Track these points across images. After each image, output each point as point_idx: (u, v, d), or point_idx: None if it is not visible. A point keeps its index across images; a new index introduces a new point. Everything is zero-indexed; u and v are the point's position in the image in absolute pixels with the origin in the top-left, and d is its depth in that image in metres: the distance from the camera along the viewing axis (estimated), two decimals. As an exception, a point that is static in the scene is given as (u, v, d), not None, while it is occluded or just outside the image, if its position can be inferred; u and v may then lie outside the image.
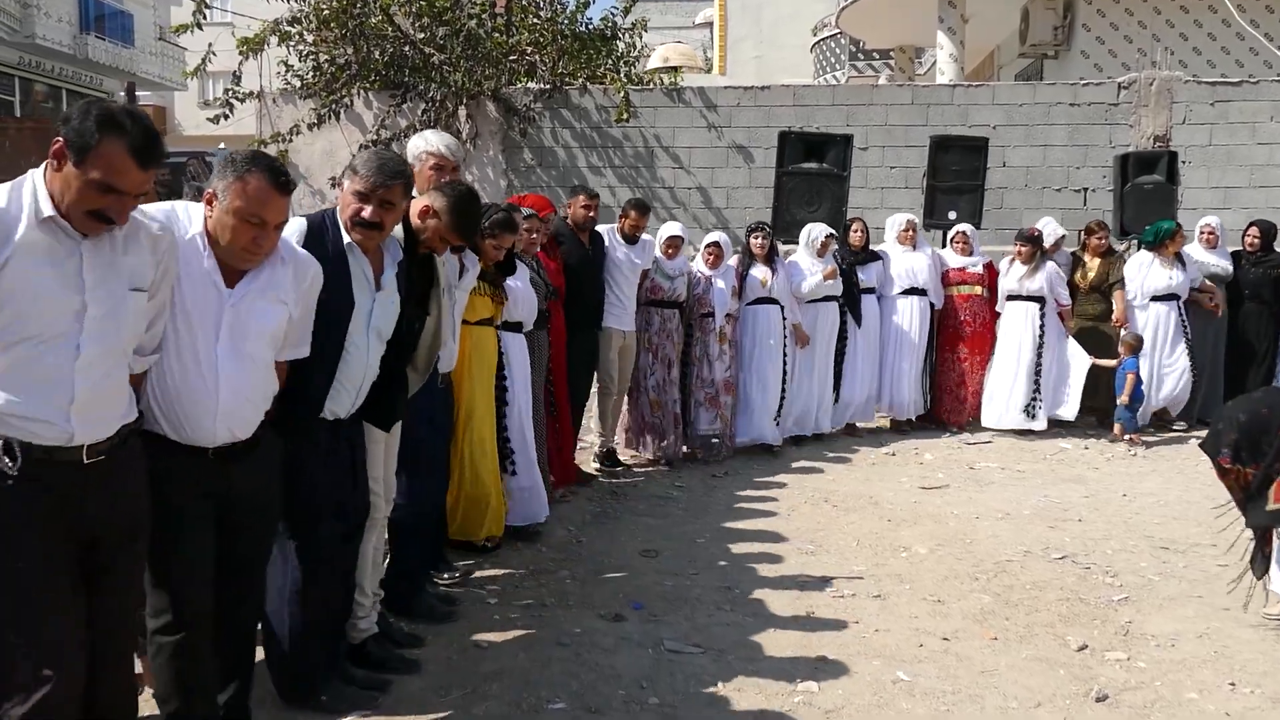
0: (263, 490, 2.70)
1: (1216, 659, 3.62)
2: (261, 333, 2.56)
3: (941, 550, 4.85)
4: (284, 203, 2.49)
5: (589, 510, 5.57)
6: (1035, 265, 7.26)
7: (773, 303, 6.81)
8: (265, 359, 2.61)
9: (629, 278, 6.22)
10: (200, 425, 2.48)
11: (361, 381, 3.01)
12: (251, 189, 2.42)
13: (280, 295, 2.60)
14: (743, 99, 10.10)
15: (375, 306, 2.99)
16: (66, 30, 19.60)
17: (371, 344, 3.00)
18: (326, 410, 2.94)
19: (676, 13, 39.14)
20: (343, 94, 9.99)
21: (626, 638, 3.77)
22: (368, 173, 2.88)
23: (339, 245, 2.91)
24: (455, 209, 3.34)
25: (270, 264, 2.58)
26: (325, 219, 2.95)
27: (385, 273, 3.03)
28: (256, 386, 2.59)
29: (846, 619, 3.98)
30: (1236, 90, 9.91)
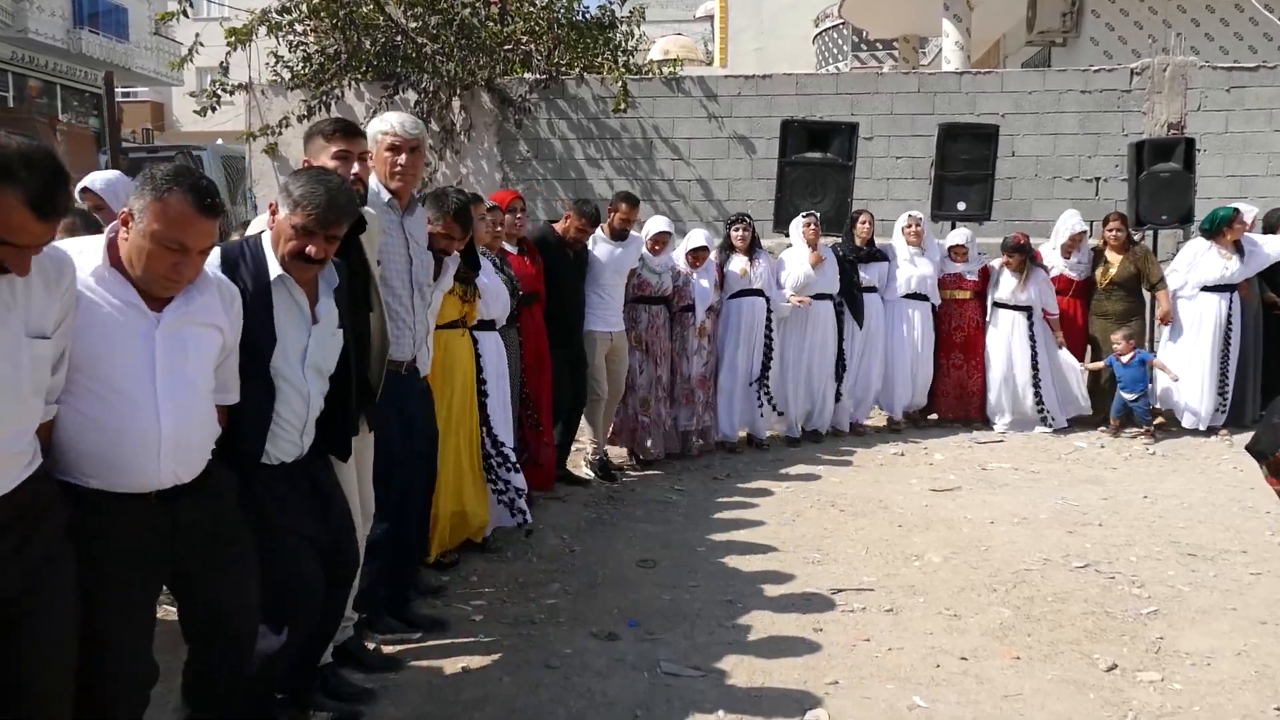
0: (218, 518, 2.41)
1: (1258, 680, 3.35)
2: (200, 359, 2.32)
3: (956, 559, 4.58)
4: (209, 226, 2.21)
5: (584, 516, 5.31)
6: (1026, 275, 7.00)
7: (756, 294, 6.57)
8: (207, 388, 2.36)
9: (615, 278, 5.97)
10: (142, 467, 2.21)
11: (306, 422, 2.70)
12: (172, 211, 2.15)
13: (213, 320, 2.35)
14: (744, 88, 9.82)
15: (311, 340, 2.67)
16: (60, 24, 19.36)
17: (310, 381, 2.68)
18: (271, 456, 2.64)
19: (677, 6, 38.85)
20: (333, 85, 9.71)
21: (621, 659, 3.51)
22: (314, 208, 2.55)
23: (262, 278, 2.59)
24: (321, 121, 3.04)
25: (199, 288, 2.32)
26: (244, 248, 2.63)
27: (320, 302, 2.71)
28: (202, 417, 2.34)
29: (857, 636, 3.71)
30: (1253, 76, 9.60)
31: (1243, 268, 7.02)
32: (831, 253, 6.92)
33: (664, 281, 6.22)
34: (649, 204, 9.80)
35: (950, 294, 7.21)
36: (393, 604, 3.68)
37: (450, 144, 9.83)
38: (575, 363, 5.77)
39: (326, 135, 3.03)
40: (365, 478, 3.19)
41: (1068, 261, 7.13)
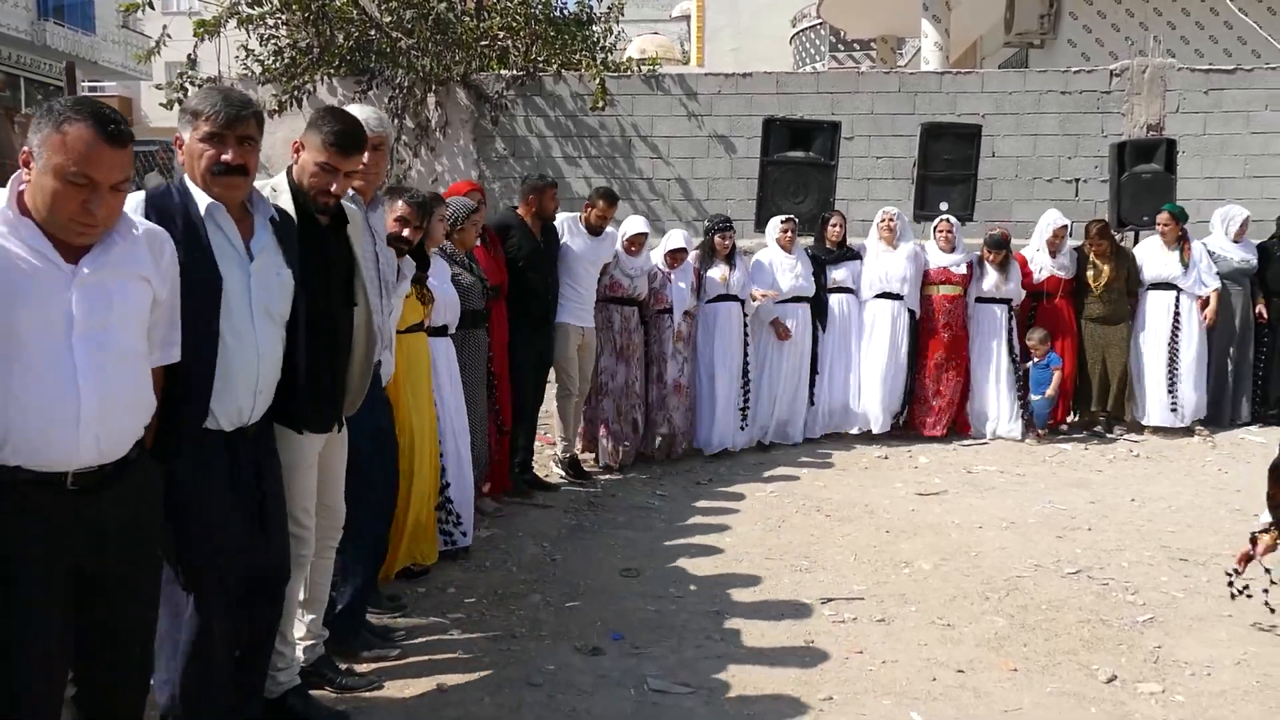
0: (139, 530, 2.16)
1: (1261, 690, 3.26)
2: (126, 316, 2.07)
3: (946, 565, 4.48)
4: (118, 156, 1.98)
5: (564, 523, 5.17)
6: (1008, 269, 6.94)
7: (733, 299, 6.47)
8: (136, 350, 2.11)
9: (589, 271, 5.84)
10: (58, 441, 1.97)
11: (256, 376, 2.46)
12: (72, 140, 1.93)
13: (140, 270, 2.10)
14: (724, 87, 9.71)
15: (253, 279, 2.45)
16: (24, 16, 18.94)
17: (261, 329, 2.45)
18: (217, 418, 2.40)
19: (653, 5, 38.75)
20: (305, 80, 9.51)
21: (605, 675, 3.37)
22: (214, 109, 2.35)
23: (193, 215, 2.36)
24: (320, 119, 2.74)
25: (120, 234, 2.08)
26: (170, 187, 2.42)
27: (257, 236, 2.48)
28: (130, 386, 2.09)
29: (850, 648, 3.60)
30: (1231, 78, 9.62)
31: (1185, 274, 7.06)
32: (805, 255, 6.82)
33: (637, 285, 6.09)
34: (628, 203, 9.67)
35: (937, 289, 7.02)
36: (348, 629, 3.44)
37: (425, 141, 9.65)
38: (541, 354, 5.60)
39: (324, 145, 2.74)
40: (336, 486, 2.99)
41: (1056, 261, 7.06)
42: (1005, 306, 7.01)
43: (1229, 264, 7.21)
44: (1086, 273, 7.06)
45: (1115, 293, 7.04)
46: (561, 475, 5.94)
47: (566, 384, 5.83)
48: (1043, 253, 7.07)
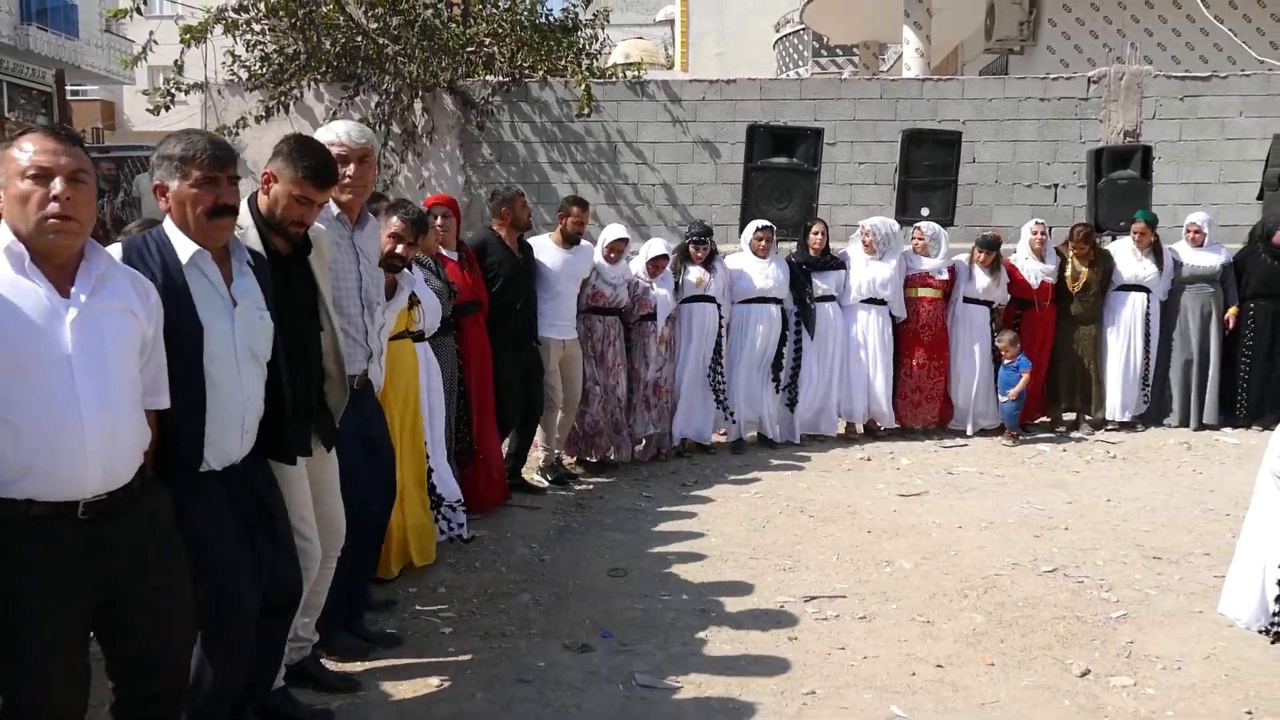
0: (158, 555, 2.23)
1: (1229, 683, 3.38)
2: (120, 347, 2.14)
3: (927, 565, 4.58)
4: (69, 148, 2.07)
5: (552, 525, 5.25)
6: (998, 274, 7.08)
7: (709, 300, 6.60)
8: (132, 380, 2.18)
9: (568, 286, 5.91)
10: (67, 470, 2.03)
11: (244, 417, 2.51)
12: (22, 144, 2.06)
13: (129, 304, 2.18)
14: (708, 93, 9.81)
15: (237, 324, 2.49)
16: (6, 20, 18.85)
17: (245, 371, 2.50)
18: (209, 459, 2.46)
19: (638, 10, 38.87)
20: (292, 86, 9.55)
21: (595, 671, 3.45)
22: (203, 154, 2.41)
23: (171, 263, 2.41)
24: (293, 154, 2.75)
25: (112, 273, 2.17)
26: (147, 238, 2.46)
27: (237, 281, 2.53)
28: (130, 413, 2.16)
29: (832, 645, 3.69)
30: (1206, 85, 9.79)
31: (1159, 277, 7.24)
32: (783, 260, 6.92)
33: (619, 294, 6.19)
34: (613, 208, 9.77)
35: (916, 291, 7.17)
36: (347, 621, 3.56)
37: (412, 146, 9.71)
38: (530, 367, 5.67)
39: (300, 179, 2.76)
40: (333, 498, 3.05)
41: (1043, 266, 7.20)
42: (987, 309, 7.15)
43: (1188, 267, 7.38)
44: (1065, 274, 7.21)
45: (1091, 294, 7.20)
46: (546, 481, 6.01)
47: (551, 397, 5.90)
48: (1031, 259, 7.20)
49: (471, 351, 5.05)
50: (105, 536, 2.10)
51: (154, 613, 2.22)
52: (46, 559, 2.03)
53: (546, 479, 6.02)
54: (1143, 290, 7.29)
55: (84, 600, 2.10)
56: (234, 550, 2.49)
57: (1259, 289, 7.34)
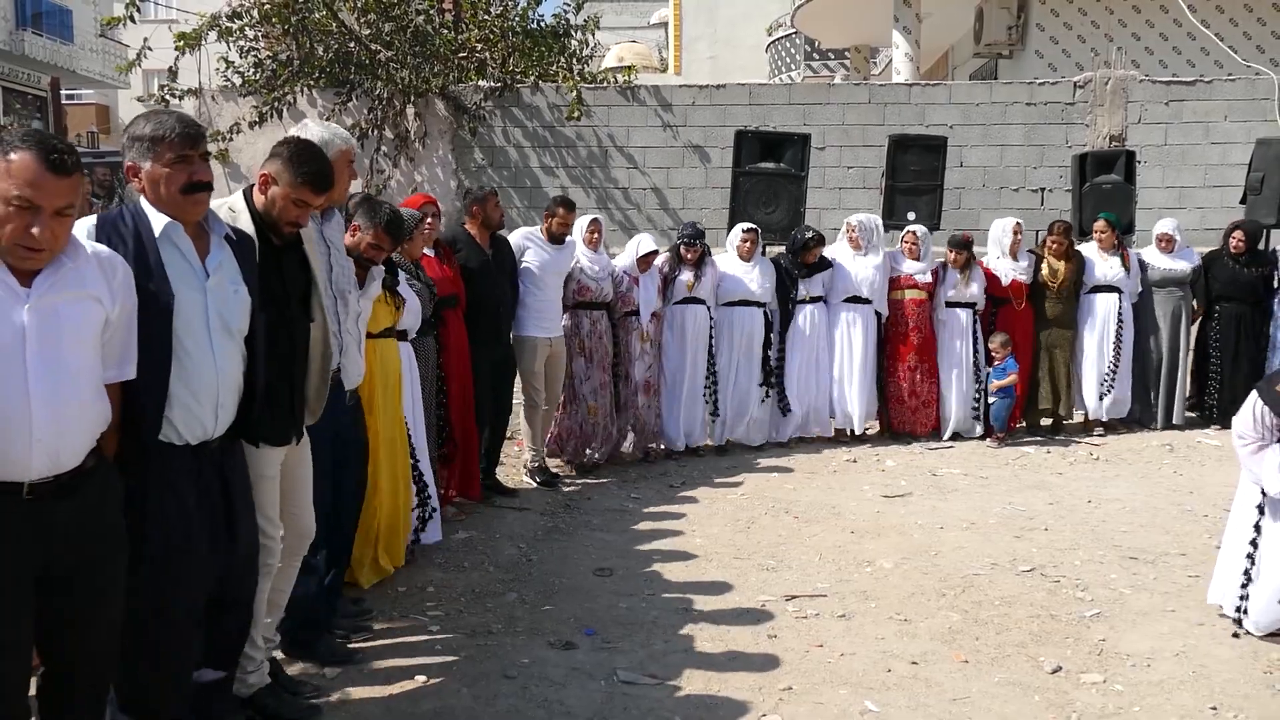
0: (97, 535, 2.28)
1: (1195, 680, 3.46)
2: (78, 336, 2.19)
3: (907, 564, 4.67)
4: (62, 185, 2.11)
5: (540, 525, 5.33)
6: (969, 273, 7.18)
7: (699, 302, 6.71)
8: (88, 368, 2.23)
9: (553, 282, 5.98)
10: (12, 452, 2.09)
11: (218, 391, 2.55)
12: (16, 167, 2.07)
13: (91, 290, 2.22)
14: (698, 98, 9.91)
15: (209, 296, 2.53)
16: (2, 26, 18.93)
17: (219, 344, 2.54)
18: (182, 432, 2.50)
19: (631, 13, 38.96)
20: (285, 91, 9.64)
21: (578, 668, 3.53)
22: (172, 133, 2.45)
23: (145, 236, 2.46)
24: (293, 160, 2.84)
25: (71, 257, 2.20)
26: (122, 210, 2.52)
27: (213, 254, 2.57)
28: (81, 403, 2.21)
29: (810, 642, 3.77)
30: (1191, 90, 9.91)
31: (1127, 277, 7.37)
32: (769, 263, 7.02)
33: (603, 287, 6.26)
34: (604, 212, 9.85)
35: (903, 293, 7.25)
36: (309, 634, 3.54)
37: (405, 151, 9.80)
38: (500, 364, 5.69)
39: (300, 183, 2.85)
40: (304, 499, 3.09)
41: (1018, 265, 7.30)
42: (970, 310, 7.25)
43: (1158, 271, 7.49)
44: (1043, 273, 7.31)
45: (1067, 293, 7.32)
46: (534, 482, 6.08)
47: (533, 395, 5.96)
48: (1004, 259, 7.30)
49: (451, 347, 5.10)
50: (50, 516, 2.17)
51: (85, 583, 2.27)
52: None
53: (535, 480, 6.09)
54: (1114, 291, 7.41)
55: (26, 574, 2.16)
56: (189, 525, 2.51)
57: (1222, 292, 7.49)
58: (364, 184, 9.72)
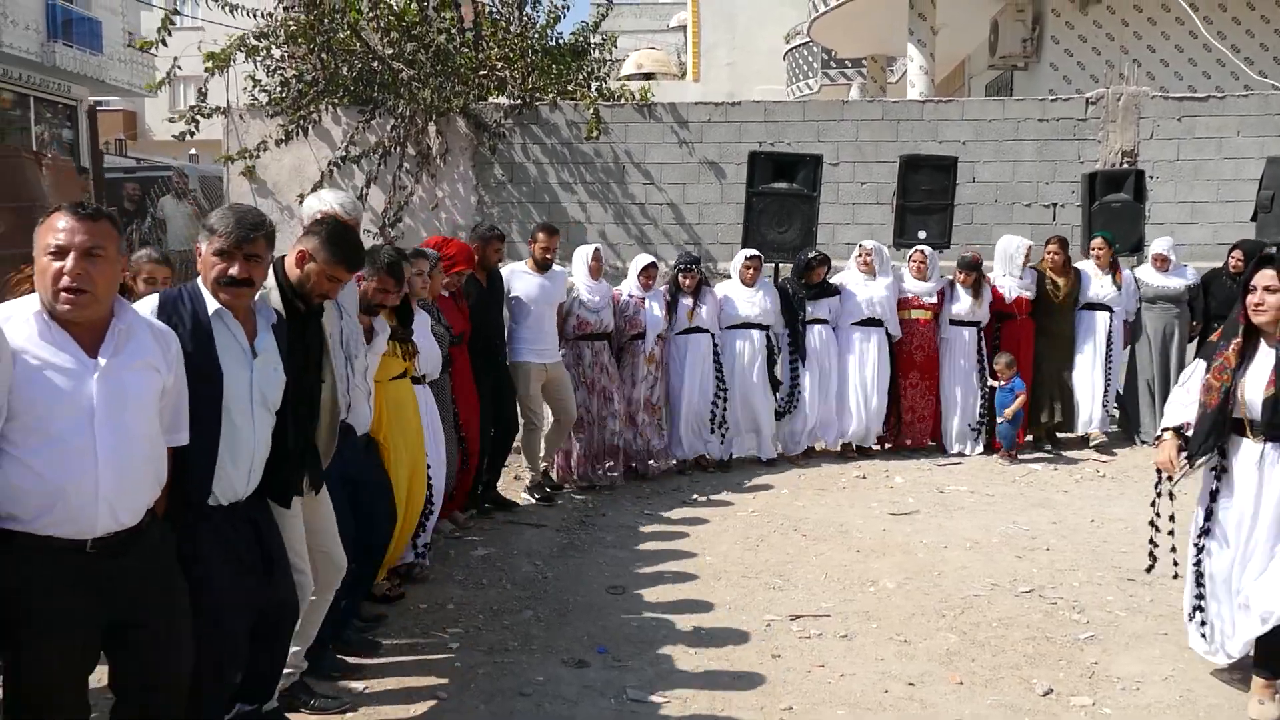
0: (157, 584, 2.49)
1: (1181, 704, 3.61)
2: (140, 403, 2.41)
3: (909, 584, 4.83)
4: (88, 227, 2.32)
5: (556, 542, 5.52)
6: (980, 293, 7.33)
7: (701, 331, 6.91)
8: (149, 432, 2.45)
9: (545, 310, 6.16)
10: (81, 514, 2.30)
11: (252, 458, 2.82)
12: (49, 222, 2.34)
13: (151, 361, 2.46)
14: (714, 115, 10.08)
15: (255, 374, 2.81)
16: (34, 38, 19.26)
17: (258, 415, 2.81)
18: (218, 494, 2.75)
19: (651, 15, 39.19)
20: (310, 110, 9.88)
21: (590, 686, 3.72)
22: (227, 229, 2.73)
23: (201, 315, 2.74)
24: (330, 241, 3.10)
25: (134, 330, 2.44)
26: (181, 291, 2.79)
27: (260, 336, 2.86)
28: (143, 464, 2.43)
29: (812, 662, 3.94)
30: (1203, 105, 9.98)
31: (1119, 295, 7.51)
32: (772, 287, 7.20)
33: (603, 318, 6.46)
34: (621, 227, 10.06)
35: (909, 314, 7.43)
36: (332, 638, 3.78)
37: (426, 168, 10.02)
38: (496, 389, 5.88)
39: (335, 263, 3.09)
40: (330, 535, 3.32)
41: (1022, 282, 7.44)
42: (975, 329, 7.40)
43: (1151, 288, 7.61)
44: (1045, 288, 7.46)
45: (1067, 308, 7.47)
46: (533, 499, 6.27)
47: (531, 419, 6.18)
48: (1009, 276, 7.44)
49: (460, 383, 5.33)
50: (111, 569, 2.38)
51: (154, 637, 2.50)
52: (58, 586, 2.32)
53: (534, 497, 6.29)
54: (1106, 309, 7.55)
55: (90, 624, 2.38)
56: (234, 579, 2.77)
57: (1219, 310, 7.62)
58: (387, 199, 9.97)
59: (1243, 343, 3.54)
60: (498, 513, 5.96)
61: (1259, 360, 3.51)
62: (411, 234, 10.04)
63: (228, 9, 9.55)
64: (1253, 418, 3.49)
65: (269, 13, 9.87)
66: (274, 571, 2.92)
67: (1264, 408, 3.45)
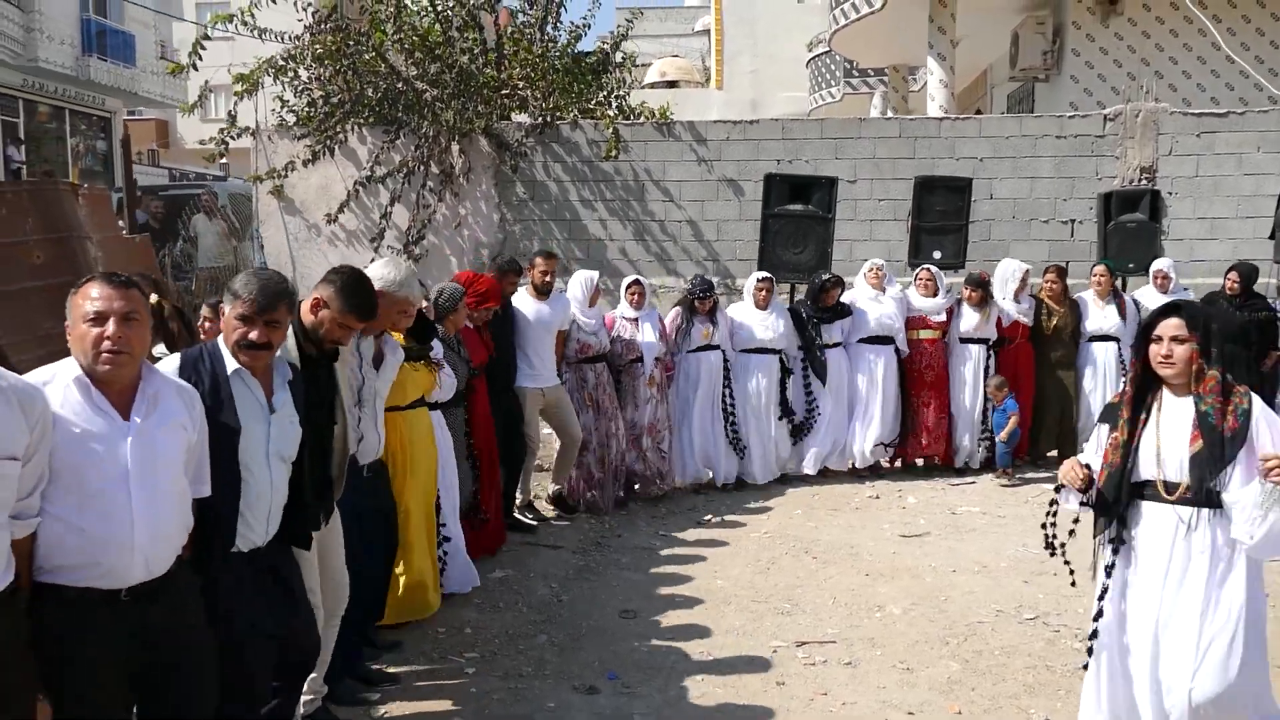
0: (185, 629, 2.66)
1: (1174, 735, 3.69)
2: (169, 460, 2.58)
3: (915, 610, 4.93)
4: (123, 293, 2.50)
5: (572, 564, 5.67)
6: (987, 311, 7.41)
7: (714, 349, 7.06)
8: (178, 488, 2.62)
9: (544, 336, 6.29)
10: (118, 565, 2.47)
11: (270, 508, 2.98)
12: (83, 291, 2.50)
13: (180, 421, 2.63)
14: (732, 133, 10.20)
15: (272, 429, 2.96)
16: (69, 52, 19.76)
17: (274, 468, 2.96)
18: (238, 543, 2.92)
19: (675, 19, 39.34)
20: (337, 130, 10.10)
21: (599, 713, 3.86)
22: (250, 295, 2.89)
23: (220, 374, 2.90)
24: (344, 292, 3.28)
25: (164, 393, 2.61)
26: (202, 350, 2.96)
27: (277, 394, 3.01)
28: (173, 517, 2.60)
29: (815, 690, 4.07)
30: (1223, 121, 9.97)
31: (1124, 325, 7.51)
32: (785, 310, 7.32)
33: (601, 339, 6.60)
34: (640, 244, 10.20)
35: (917, 333, 7.53)
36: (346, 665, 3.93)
37: (450, 186, 10.20)
38: (508, 416, 6.03)
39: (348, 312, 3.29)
40: (338, 563, 3.50)
41: (1020, 307, 7.53)
42: (983, 346, 7.49)
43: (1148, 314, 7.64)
44: (1042, 316, 7.53)
45: (1066, 336, 7.54)
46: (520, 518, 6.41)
47: (528, 444, 6.31)
48: (1008, 300, 7.53)
49: (478, 413, 5.47)
50: (143, 615, 2.55)
51: (181, 677, 2.67)
52: (96, 633, 2.50)
53: (526, 517, 6.43)
54: (1112, 340, 7.57)
55: (125, 667, 2.56)
56: (256, 621, 2.93)
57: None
58: (411, 217, 10.17)
59: (1134, 394, 3.13)
60: (513, 534, 6.11)
61: (1173, 413, 3.07)
62: (435, 251, 10.25)
63: (257, 34, 9.78)
64: (1167, 479, 3.04)
65: (297, 36, 10.10)
66: (297, 611, 3.09)
67: (1191, 466, 2.99)
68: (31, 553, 2.43)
